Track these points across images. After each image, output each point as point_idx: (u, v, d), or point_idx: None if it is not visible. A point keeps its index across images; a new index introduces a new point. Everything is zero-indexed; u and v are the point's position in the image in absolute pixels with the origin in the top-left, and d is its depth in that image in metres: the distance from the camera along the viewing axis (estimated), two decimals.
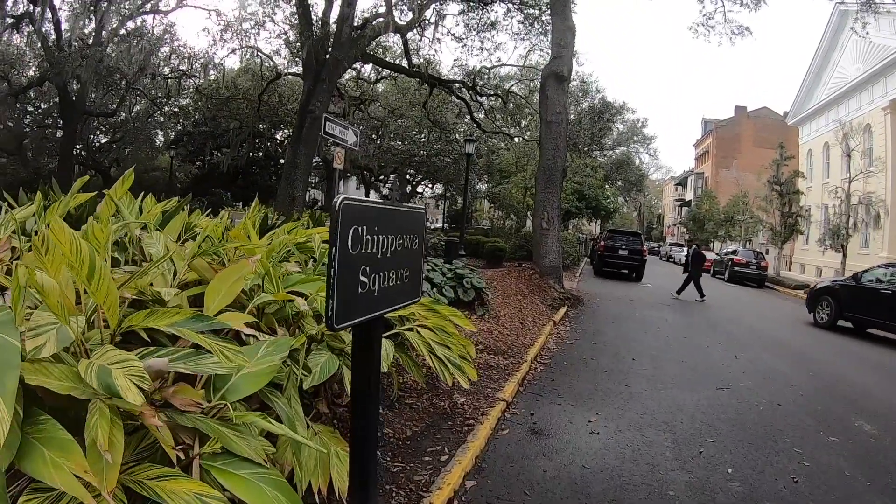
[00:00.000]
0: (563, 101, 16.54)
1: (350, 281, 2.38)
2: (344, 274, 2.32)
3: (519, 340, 9.30)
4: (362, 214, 2.45)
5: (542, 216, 15.92)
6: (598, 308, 15.41)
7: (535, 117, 29.01)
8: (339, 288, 2.29)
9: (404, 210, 3.00)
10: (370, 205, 2.58)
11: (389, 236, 2.67)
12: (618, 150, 52.35)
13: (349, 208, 2.34)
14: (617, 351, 9.76)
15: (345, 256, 2.31)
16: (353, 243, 2.38)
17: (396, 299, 2.86)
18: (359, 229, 2.41)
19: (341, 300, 2.29)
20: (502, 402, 6.10)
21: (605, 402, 6.71)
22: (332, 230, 2.25)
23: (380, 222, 2.60)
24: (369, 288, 2.54)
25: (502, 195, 35.91)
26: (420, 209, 3.21)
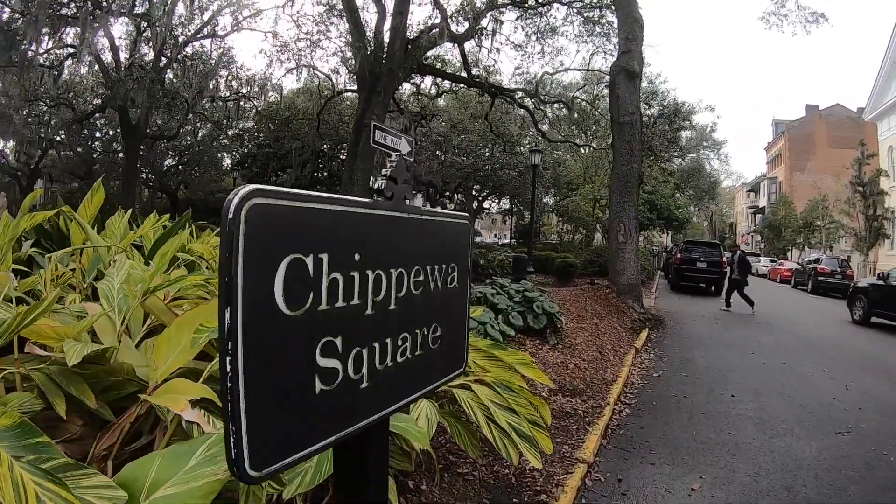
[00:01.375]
0: (635, 99, 15.33)
1: (284, 376, 1.18)
2: (261, 364, 1.11)
3: (598, 375, 8.22)
4: (312, 229, 1.23)
5: (617, 228, 14.54)
6: (681, 329, 14.17)
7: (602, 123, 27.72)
8: (252, 396, 1.08)
9: (428, 219, 1.71)
10: (337, 207, 1.29)
11: (393, 272, 1.42)
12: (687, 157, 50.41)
13: (270, 215, 1.12)
14: (712, 385, 8.59)
15: (261, 326, 1.10)
16: (290, 293, 1.16)
17: (415, 382, 1.58)
18: (306, 262, 1.20)
19: (259, 422, 1.09)
20: (582, 464, 5.00)
21: (708, 459, 5.59)
22: (223, 267, 1.03)
23: (365, 245, 1.37)
24: (345, 379, 1.29)
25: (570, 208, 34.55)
26: (462, 217, 1.90)
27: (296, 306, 1.15)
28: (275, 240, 1.11)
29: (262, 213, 1.06)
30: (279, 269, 1.11)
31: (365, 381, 1.37)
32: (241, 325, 1.02)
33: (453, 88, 29.54)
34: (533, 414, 3.79)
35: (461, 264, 1.84)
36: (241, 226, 1.03)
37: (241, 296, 1.03)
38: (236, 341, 1.02)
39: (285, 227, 1.13)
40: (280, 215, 1.11)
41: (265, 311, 1.09)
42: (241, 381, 1.03)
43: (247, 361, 1.04)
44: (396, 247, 1.49)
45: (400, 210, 1.52)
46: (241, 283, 1.03)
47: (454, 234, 1.83)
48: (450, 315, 1.79)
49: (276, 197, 1.10)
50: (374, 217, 1.41)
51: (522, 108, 26.78)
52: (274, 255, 1.10)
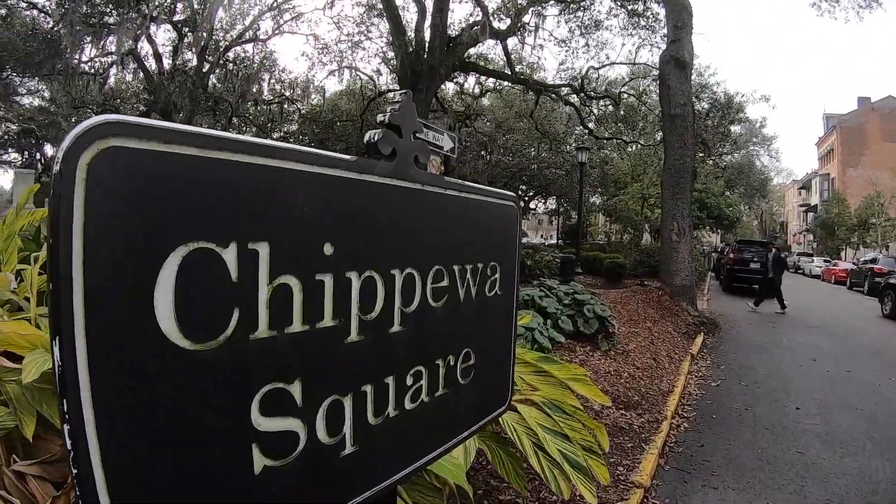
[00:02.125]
0: (686, 90, 14.50)
1: (187, 453, 0.73)
2: (137, 435, 0.67)
3: (654, 385, 7.64)
4: (236, 200, 0.75)
5: (670, 226, 13.81)
6: (737, 334, 13.41)
7: (649, 119, 27.00)
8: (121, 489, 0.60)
9: (455, 194, 1.19)
10: (288, 164, 0.78)
11: (397, 274, 0.95)
12: (737, 153, 49.20)
13: (143, 169, 0.64)
14: (774, 395, 7.98)
15: (131, 371, 0.66)
16: (190, 313, 0.69)
17: (435, 434, 1.06)
18: (222, 258, 0.72)
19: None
20: (639, 488, 4.50)
21: (776, 481, 5.08)
22: (50, 265, 0.49)
23: (345, 229, 0.85)
24: (310, 446, 0.77)
25: (618, 207, 33.76)
26: (507, 196, 1.37)
27: (202, 335, 0.66)
28: (152, 216, 0.62)
29: (125, 165, 0.58)
30: (163, 270, 0.62)
31: (349, 446, 0.87)
32: (84, 369, 0.55)
33: (497, 87, 28.98)
34: (588, 439, 3.26)
35: (506, 263, 1.31)
36: (78, 188, 0.55)
37: (80, 316, 0.55)
38: (77, 397, 0.54)
39: (176, 193, 0.64)
40: (164, 171, 0.63)
41: (137, 344, 0.60)
42: (96, 468, 0.55)
43: (104, 432, 0.56)
44: (401, 235, 0.98)
45: (407, 178, 1.01)
46: (81, 294, 0.55)
47: (496, 220, 1.31)
48: (489, 335, 1.28)
49: (155, 138, 0.61)
50: (362, 185, 0.90)
51: (568, 105, 26.06)
52: (151, 244, 0.62)
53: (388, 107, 1.02)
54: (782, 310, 17.38)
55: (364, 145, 0.95)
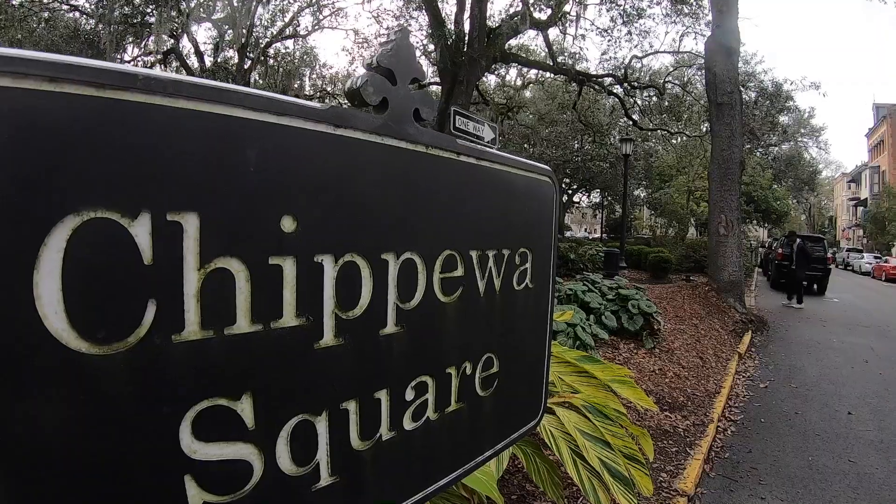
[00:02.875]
0: (733, 77, 14.04)
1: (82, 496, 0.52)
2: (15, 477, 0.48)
3: (700, 385, 7.44)
4: (152, 154, 0.57)
5: (718, 220, 13.41)
6: (786, 333, 12.98)
7: (695, 109, 26.40)
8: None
9: (470, 162, 1.00)
10: (225, 110, 0.61)
11: (389, 259, 0.82)
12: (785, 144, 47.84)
13: (14, 104, 0.47)
14: (825, 399, 7.70)
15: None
16: (86, 304, 0.52)
17: (446, 458, 0.88)
18: (129, 229, 0.54)
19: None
20: (682, 497, 4.34)
21: (827, 494, 4.87)
22: None
23: (313, 196, 0.70)
24: (269, 477, 0.60)
25: (663, 200, 33.16)
26: (542, 169, 1.16)
27: (104, 335, 0.49)
28: (32, 175, 0.46)
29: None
30: (46, 248, 0.46)
31: (325, 476, 0.69)
32: None
33: (539, 79, 28.60)
34: (631, 447, 3.05)
35: (540, 250, 1.11)
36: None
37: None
38: None
39: (67, 144, 0.48)
40: (51, 115, 0.47)
41: (14, 345, 0.44)
42: None
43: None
44: (397, 208, 0.79)
45: (404, 137, 0.81)
46: None
47: (528, 197, 1.09)
48: (517, 335, 1.07)
49: (37, 72, 0.45)
50: (339, 144, 0.71)
51: (612, 96, 25.65)
52: (29, 212, 0.45)
53: (379, 47, 0.83)
54: (799, 304, 17.03)
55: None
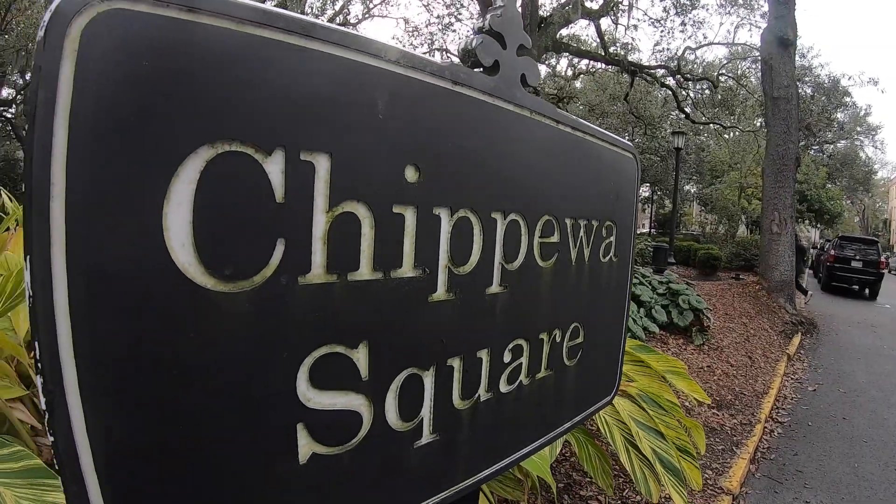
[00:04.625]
0: (790, 71, 13.56)
1: (201, 434, 0.52)
2: (139, 402, 0.48)
3: (748, 385, 7.32)
4: (283, 93, 0.54)
5: (771, 217, 13.09)
6: (837, 337, 12.69)
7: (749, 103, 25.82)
8: (114, 476, 0.47)
9: (568, 131, 0.97)
10: (354, 56, 0.58)
11: (498, 218, 0.72)
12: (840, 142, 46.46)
13: (150, 31, 0.45)
14: (874, 405, 7.49)
15: (131, 314, 0.46)
16: (215, 240, 0.50)
17: (531, 425, 0.87)
18: (262, 167, 0.53)
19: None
20: (727, 495, 4.30)
21: (873, 502, 4.75)
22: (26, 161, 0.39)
23: (434, 150, 0.68)
24: (377, 431, 0.58)
25: (714, 196, 32.54)
26: (625, 146, 1.15)
27: (232, 273, 0.49)
28: (167, 103, 0.47)
29: (131, 34, 0.44)
30: (178, 178, 0.46)
31: (427, 434, 0.68)
32: (64, 305, 0.41)
33: (590, 69, 28.11)
34: (683, 439, 3.01)
35: (623, 225, 1.09)
36: (66, 60, 0.40)
37: (59, 231, 0.41)
38: (52, 341, 0.39)
39: (202, 73, 0.48)
40: (188, 45, 0.47)
41: (139, 275, 0.45)
42: (77, 436, 0.41)
43: (90, 393, 0.40)
44: (506, 170, 0.77)
45: (511, 99, 0.80)
46: (62, 200, 0.40)
47: (611, 170, 1.08)
48: (600, 308, 1.06)
49: (177, 3, 0.44)
50: (458, 99, 0.70)
51: (664, 87, 25.16)
52: (163, 140, 0.46)
53: (488, 12, 0.82)
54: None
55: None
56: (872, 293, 21.67)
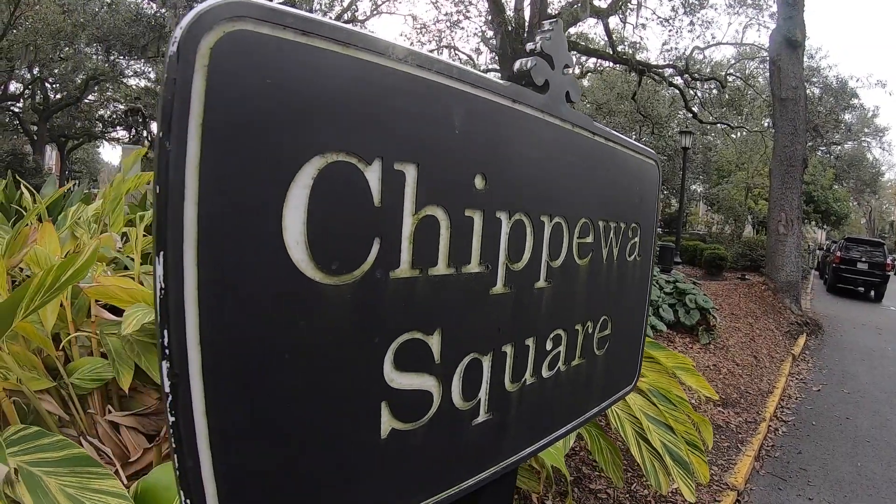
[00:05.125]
0: (798, 72, 13.58)
1: (305, 409, 0.61)
2: (252, 383, 0.56)
3: (753, 384, 7.40)
4: (380, 109, 0.62)
5: (778, 217, 13.10)
6: (841, 338, 12.76)
7: (756, 103, 25.72)
8: (226, 449, 0.54)
9: (602, 141, 1.09)
10: (437, 78, 0.68)
11: (546, 220, 0.78)
12: (847, 143, 46.15)
13: (273, 61, 0.54)
14: (877, 406, 7.59)
15: (250, 302, 0.54)
16: (324, 238, 0.58)
17: (571, 406, 0.97)
18: (363, 174, 0.60)
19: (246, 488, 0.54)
20: (732, 491, 4.36)
21: (874, 501, 4.83)
22: (158, 166, 0.46)
23: (496, 161, 0.78)
24: (444, 409, 0.66)
25: (721, 196, 32.43)
26: (648, 152, 1.26)
27: (337, 267, 0.56)
28: (284, 117, 0.54)
29: (254, 53, 0.51)
30: (295, 183, 0.54)
31: (482, 413, 0.77)
32: (193, 295, 0.48)
33: (597, 67, 28.10)
34: (692, 433, 3.08)
35: (646, 226, 1.19)
36: (198, 75, 0.47)
37: (192, 230, 0.49)
38: (181, 329, 0.46)
39: (313, 92, 0.55)
40: (301, 66, 0.54)
41: (259, 270, 0.52)
42: (197, 412, 0.48)
43: (210, 374, 0.47)
44: (552, 178, 0.86)
45: (558, 115, 0.89)
46: (195, 203, 0.47)
47: (637, 177, 1.18)
48: (625, 303, 1.15)
49: (292, 26, 0.52)
50: (515, 115, 0.79)
51: (672, 87, 25.12)
52: (282, 150, 0.53)
53: (537, 35, 0.90)
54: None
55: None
56: (878, 295, 21.51)
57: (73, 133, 35.76)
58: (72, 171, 39.33)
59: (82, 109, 33.54)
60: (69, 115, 33.35)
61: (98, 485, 1.18)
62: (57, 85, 30.68)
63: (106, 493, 1.17)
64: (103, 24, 23.10)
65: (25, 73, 28.81)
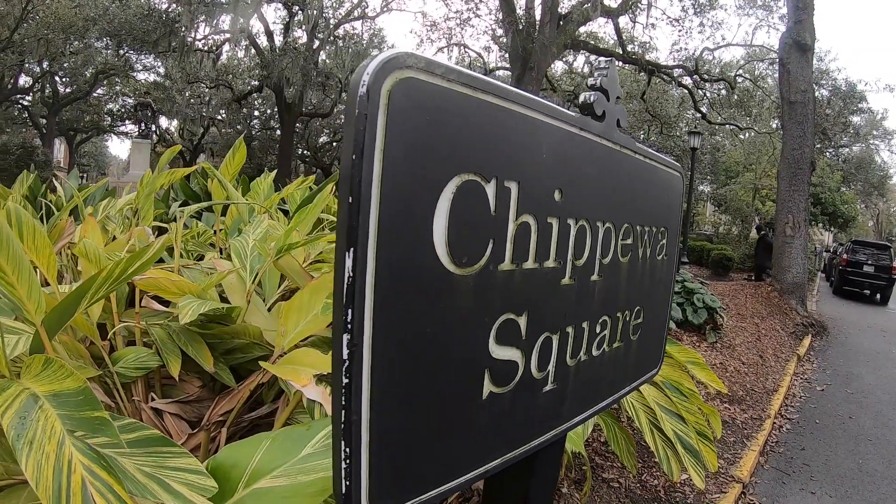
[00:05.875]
0: (807, 75, 13.68)
1: (437, 371, 0.78)
2: (402, 349, 0.74)
3: (759, 382, 7.56)
4: (496, 139, 0.81)
5: (785, 220, 13.16)
6: (846, 340, 12.87)
7: (765, 105, 25.60)
8: (382, 401, 0.72)
9: (641, 159, 1.27)
10: (533, 113, 0.88)
11: (600, 226, 1.01)
12: (855, 146, 45.70)
13: (430, 101, 0.70)
14: (880, 407, 7.74)
15: (407, 288, 0.71)
16: (458, 238, 0.75)
17: (611, 383, 1.17)
18: (485, 190, 0.80)
19: (390, 441, 0.71)
20: (737, 483, 4.52)
21: (875, 496, 4.97)
22: (345, 180, 0.63)
23: (569, 178, 0.98)
24: (525, 379, 0.83)
25: (728, 197, 32.35)
26: (674, 165, 1.45)
27: (466, 260, 0.74)
28: (436, 146, 0.70)
29: (418, 96, 0.66)
30: (442, 195, 0.71)
31: (549, 382, 0.95)
32: (371, 282, 0.64)
33: None
34: (702, 424, 3.23)
35: (672, 229, 1.37)
36: (381, 111, 0.63)
37: (373, 231, 0.64)
38: (362, 309, 0.62)
39: (456, 127, 0.72)
40: (448, 106, 0.71)
41: (415, 263, 0.69)
42: (365, 377, 0.63)
43: (379, 343, 0.63)
44: (605, 190, 1.05)
45: (611, 139, 1.08)
46: (377, 210, 0.63)
47: (666, 187, 1.37)
48: (654, 296, 1.34)
49: (441, 75, 0.69)
50: (583, 142, 0.97)
51: (681, 87, 25.17)
52: (434, 171, 0.70)
53: (595, 72, 1.09)
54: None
55: (578, 105, 1.02)
56: (884, 298, 21.35)
57: (81, 127, 35.83)
58: (80, 164, 39.48)
59: (91, 103, 33.65)
60: (78, 108, 33.43)
61: (175, 462, 1.22)
62: (66, 79, 30.80)
63: (183, 469, 1.21)
64: (114, 18, 23.21)
65: (35, 67, 28.97)
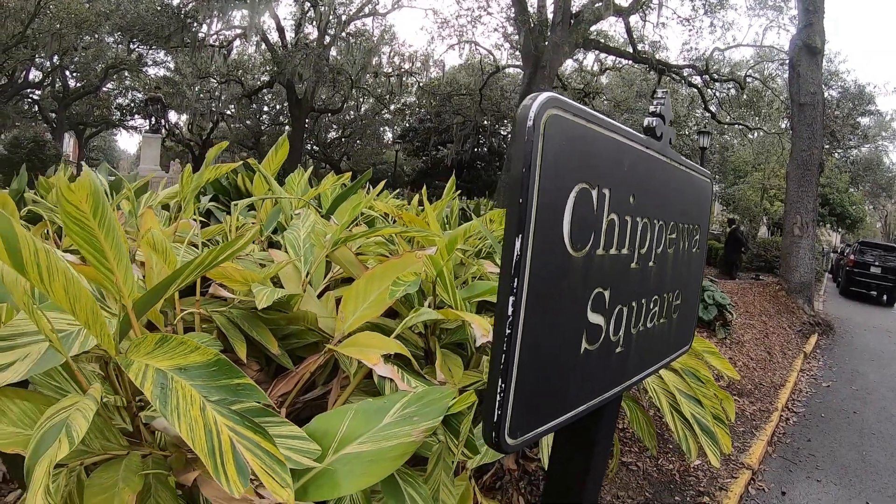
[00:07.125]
0: (817, 78, 13.82)
1: (559, 328, 1.07)
2: (541, 311, 1.00)
3: (767, 377, 7.84)
4: (599, 157, 1.11)
5: (793, 220, 13.29)
6: (852, 339, 12.99)
7: (774, 105, 25.56)
8: (527, 349, 0.98)
9: (683, 169, 1.56)
10: (619, 138, 1.17)
11: (657, 223, 1.28)
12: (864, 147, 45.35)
13: (566, 131, 1.00)
14: (884, 403, 7.94)
15: (548, 264, 0.99)
16: (576, 229, 1.06)
17: (657, 352, 1.43)
18: (591, 195, 1.08)
19: (528, 381, 0.99)
20: (747, 470, 4.75)
21: (877, 484, 5.18)
22: (515, 187, 0.92)
23: (639, 186, 1.27)
24: (606, 339, 1.15)
25: (737, 196, 32.30)
26: (705, 173, 1.72)
27: (579, 246, 1.02)
28: (568, 162, 0.98)
29: (560, 127, 0.95)
30: (569, 198, 0.99)
31: (620, 345, 1.22)
32: (529, 259, 0.90)
33: (616, 65, 28.37)
34: (717, 408, 3.44)
35: (703, 227, 1.65)
36: (540, 138, 0.91)
37: (533, 223, 0.92)
38: (522, 279, 0.89)
39: (578, 149, 1.00)
40: (574, 134, 0.99)
41: (553, 246, 0.97)
42: (520, 330, 0.90)
43: (529, 305, 0.90)
44: (660, 195, 1.32)
45: (665, 154, 1.36)
46: (536, 207, 0.92)
47: (699, 192, 1.64)
48: (689, 282, 1.60)
49: (572, 112, 0.97)
50: (647, 157, 1.25)
51: (691, 87, 25.24)
52: (565, 180, 0.98)
53: (654, 100, 1.37)
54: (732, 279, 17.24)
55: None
56: (890, 300, 21.27)
57: (91, 121, 35.91)
58: (89, 157, 39.57)
59: (101, 98, 33.85)
60: (88, 103, 33.62)
61: (278, 430, 1.28)
62: (77, 73, 30.96)
63: (287, 436, 1.29)
64: (126, 13, 23.38)
65: (45, 62, 29.14)
